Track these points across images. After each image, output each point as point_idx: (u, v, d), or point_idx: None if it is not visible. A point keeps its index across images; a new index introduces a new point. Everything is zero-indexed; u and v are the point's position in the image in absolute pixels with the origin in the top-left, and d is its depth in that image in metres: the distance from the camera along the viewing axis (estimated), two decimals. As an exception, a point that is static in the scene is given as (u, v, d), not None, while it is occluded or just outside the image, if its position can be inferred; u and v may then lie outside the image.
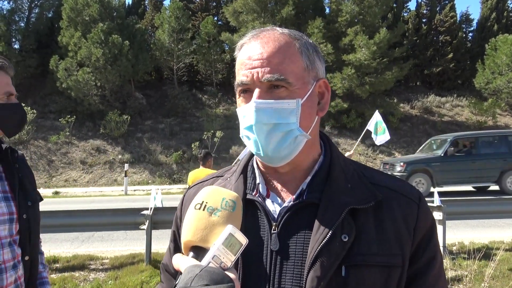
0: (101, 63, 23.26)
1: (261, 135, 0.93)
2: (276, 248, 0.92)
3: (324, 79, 1.01)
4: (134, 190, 18.20)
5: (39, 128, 23.09)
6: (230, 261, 0.79)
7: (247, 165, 1.07)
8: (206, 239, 0.81)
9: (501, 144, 14.62)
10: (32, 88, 26.34)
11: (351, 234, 0.90)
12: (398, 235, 0.92)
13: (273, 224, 0.95)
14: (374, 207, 0.94)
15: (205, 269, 0.75)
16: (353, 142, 24.30)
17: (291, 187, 0.99)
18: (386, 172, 1.10)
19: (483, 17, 32.12)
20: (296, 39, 0.96)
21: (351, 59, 23.77)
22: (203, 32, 27.00)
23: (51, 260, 6.75)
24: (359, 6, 24.84)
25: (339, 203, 0.92)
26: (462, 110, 28.66)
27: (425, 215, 0.98)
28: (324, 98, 1.01)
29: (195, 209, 0.85)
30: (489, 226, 8.94)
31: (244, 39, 0.99)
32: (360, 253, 0.89)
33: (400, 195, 0.98)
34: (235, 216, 0.85)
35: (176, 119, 25.67)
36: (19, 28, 27.67)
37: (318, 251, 0.88)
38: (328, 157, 1.02)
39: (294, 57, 0.94)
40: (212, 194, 0.87)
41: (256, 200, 0.98)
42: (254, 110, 0.91)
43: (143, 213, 6.67)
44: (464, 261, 6.03)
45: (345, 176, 0.98)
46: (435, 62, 30.28)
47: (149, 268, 6.26)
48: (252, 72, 0.92)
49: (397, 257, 0.91)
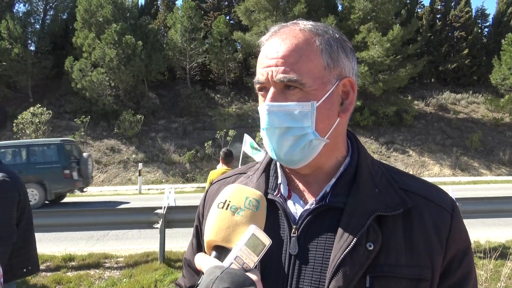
0: (115, 64, 23.51)
1: (272, 138, 0.90)
2: (295, 252, 0.89)
3: (349, 77, 0.93)
4: (148, 189, 18.36)
5: (54, 128, 23.44)
6: (253, 262, 0.77)
7: (270, 164, 1.03)
8: (229, 239, 0.80)
9: None
10: (48, 89, 26.75)
11: (377, 242, 0.85)
12: (429, 247, 0.87)
13: (293, 227, 0.91)
14: (403, 214, 0.88)
15: (227, 271, 0.73)
16: (366, 140, 24.15)
17: (314, 188, 0.95)
18: (417, 177, 1.01)
19: (499, 12, 31.54)
20: (318, 35, 0.90)
21: (364, 57, 23.58)
22: (215, 31, 27.06)
23: (67, 258, 6.86)
24: (372, 3, 24.61)
25: (366, 208, 0.87)
26: (478, 107, 28.21)
27: (458, 226, 0.92)
28: (348, 98, 0.94)
29: (218, 208, 0.84)
30: (506, 225, 8.79)
31: (266, 35, 0.95)
32: (386, 264, 0.84)
33: (432, 203, 0.92)
34: (258, 216, 0.83)
35: (189, 118, 25.80)
36: (35, 30, 28.14)
37: (341, 259, 0.83)
38: (355, 159, 0.96)
39: (312, 55, 0.88)
40: (236, 192, 0.85)
41: (277, 201, 0.94)
42: (266, 114, 0.89)
43: (157, 212, 6.73)
44: (480, 260, 5.94)
45: (373, 180, 0.93)
46: (450, 58, 29.86)
47: (163, 267, 6.31)
48: (267, 71, 0.89)
49: (426, 270, 0.86)
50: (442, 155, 23.67)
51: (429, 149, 23.83)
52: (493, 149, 24.42)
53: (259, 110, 0.94)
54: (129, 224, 7.31)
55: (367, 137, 24.45)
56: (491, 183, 18.38)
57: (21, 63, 24.47)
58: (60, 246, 7.74)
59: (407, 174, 0.99)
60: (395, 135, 24.92)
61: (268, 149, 0.94)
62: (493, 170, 22.91)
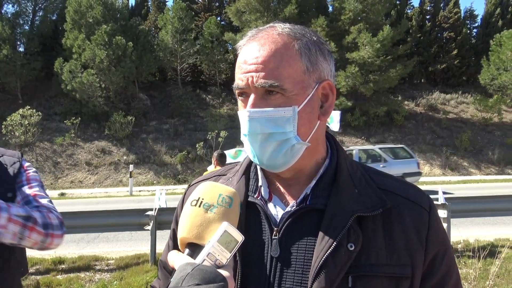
0: (105, 65, 23.37)
1: (255, 144, 0.90)
2: (276, 254, 0.89)
3: (328, 80, 0.93)
4: (139, 190, 18.28)
5: (44, 130, 23.24)
6: (226, 259, 0.77)
7: (250, 166, 1.02)
8: (202, 236, 0.79)
9: None
10: (37, 91, 26.52)
11: (358, 243, 0.85)
12: (408, 245, 0.88)
13: (275, 229, 0.91)
14: (383, 214, 0.89)
15: (198, 268, 0.73)
16: (357, 140, 24.28)
17: (294, 190, 0.94)
18: (395, 176, 1.02)
19: (488, 12, 31.94)
20: (297, 39, 0.90)
21: (355, 57, 23.71)
22: (206, 32, 27.04)
23: (57, 261, 6.80)
24: (362, 4, 24.77)
25: (346, 210, 0.88)
26: (467, 107, 28.51)
27: (436, 224, 0.93)
28: (328, 101, 0.94)
29: (191, 205, 0.83)
30: (494, 224, 8.89)
31: (243, 39, 0.94)
32: (368, 263, 0.85)
33: (410, 202, 0.93)
34: (231, 213, 0.83)
35: (181, 119, 25.73)
36: (24, 31, 27.89)
37: (323, 260, 0.83)
38: (334, 160, 0.96)
39: (292, 60, 0.87)
40: (209, 190, 0.85)
41: (258, 203, 0.94)
42: (247, 120, 0.88)
43: (148, 214, 6.70)
44: (469, 259, 6.00)
45: (352, 181, 0.93)
46: (439, 59, 30.15)
47: (154, 269, 6.28)
48: (247, 76, 0.88)
49: (406, 268, 0.87)
50: (432, 154, 23.88)
51: (419, 149, 24.00)
52: (482, 148, 24.70)
53: (239, 115, 0.93)
54: (120, 226, 7.26)
55: (358, 137, 24.59)
56: (481, 182, 18.58)
57: (10, 64, 24.20)
58: (50, 249, 7.67)
59: (385, 174, 1.00)
60: (385, 135, 25.09)
61: (250, 155, 0.93)
62: (482, 170, 23.17)
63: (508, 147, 24.24)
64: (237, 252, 0.89)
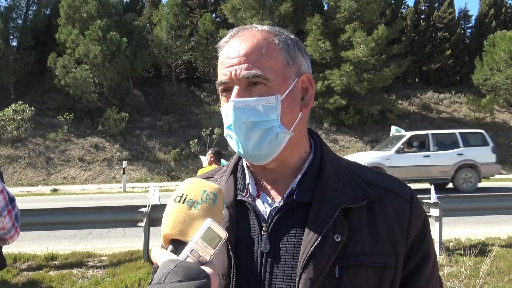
0: (99, 60, 23.21)
1: (240, 133, 0.92)
2: (266, 250, 0.91)
3: (307, 74, 0.98)
4: (133, 187, 18.22)
5: (37, 125, 23.07)
6: (209, 255, 0.78)
7: (237, 165, 1.05)
8: (185, 233, 0.80)
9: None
10: (30, 86, 26.31)
11: (344, 234, 0.88)
12: (391, 235, 0.91)
13: (264, 225, 0.93)
14: (367, 206, 0.92)
15: (180, 264, 0.74)
16: (351, 139, 24.35)
17: (281, 186, 0.97)
18: (378, 171, 1.05)
19: (482, 13, 32.14)
20: (276, 35, 0.95)
21: (350, 56, 23.76)
22: (201, 29, 26.93)
23: (49, 257, 6.77)
24: (357, 3, 24.81)
25: (332, 202, 0.91)
26: (460, 106, 28.69)
27: (417, 214, 0.96)
28: (308, 94, 0.98)
29: (174, 201, 0.84)
30: (485, 223, 8.98)
31: (224, 38, 0.99)
32: (353, 254, 0.88)
33: (392, 193, 0.96)
34: (216, 209, 0.83)
35: (175, 116, 25.66)
36: (17, 25, 27.62)
37: (311, 252, 0.86)
38: (318, 155, 1.00)
39: (272, 52, 0.92)
40: (193, 186, 0.85)
41: (246, 201, 0.97)
42: (232, 110, 0.91)
43: (141, 210, 6.69)
44: (460, 257, 6.06)
45: (337, 175, 0.96)
46: (433, 58, 30.29)
47: (147, 265, 6.28)
48: (230, 70, 0.91)
49: (390, 257, 0.90)
50: (425, 154, 23.99)
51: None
52: (474, 148, 24.84)
53: (222, 111, 0.96)
54: (113, 223, 7.25)
55: (352, 136, 24.67)
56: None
57: (2, 59, 23.96)
58: (42, 245, 7.65)
59: (368, 168, 1.04)
60: (379, 134, 25.17)
61: (234, 146, 0.96)
62: (474, 169, 23.31)
63: (500, 147, 24.43)
64: (231, 250, 0.91)
